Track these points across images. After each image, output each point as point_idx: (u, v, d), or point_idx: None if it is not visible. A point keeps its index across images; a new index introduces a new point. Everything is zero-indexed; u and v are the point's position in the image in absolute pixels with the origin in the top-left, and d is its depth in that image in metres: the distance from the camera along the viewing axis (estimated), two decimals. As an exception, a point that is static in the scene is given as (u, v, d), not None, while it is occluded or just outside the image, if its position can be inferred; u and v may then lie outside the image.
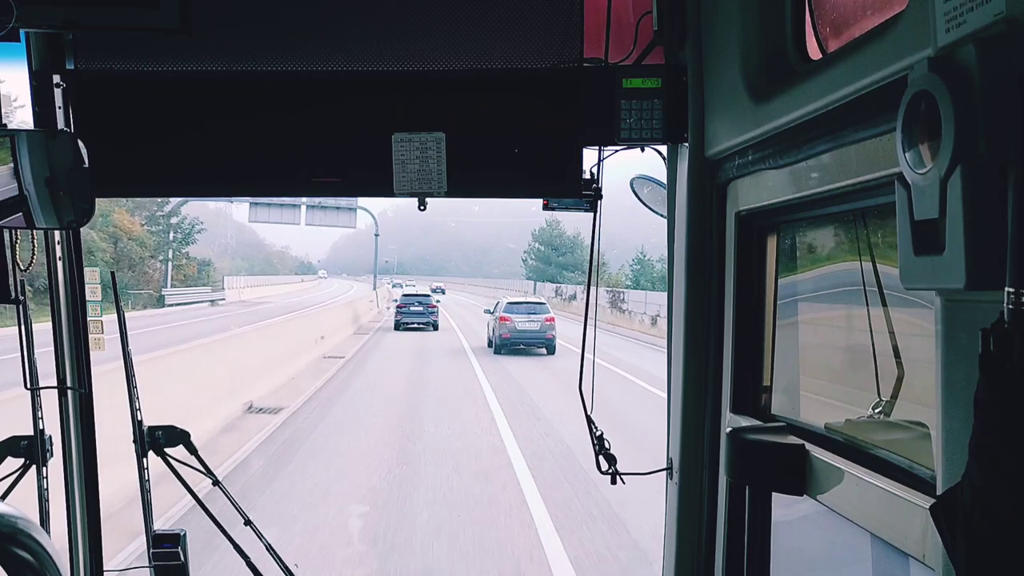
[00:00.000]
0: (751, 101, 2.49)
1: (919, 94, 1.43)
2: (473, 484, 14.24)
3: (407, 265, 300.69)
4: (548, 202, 3.47)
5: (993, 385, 1.22)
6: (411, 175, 3.03)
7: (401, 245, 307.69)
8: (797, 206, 2.40)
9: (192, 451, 3.48)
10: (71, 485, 3.37)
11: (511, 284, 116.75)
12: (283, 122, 3.09)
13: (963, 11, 1.38)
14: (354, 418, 20.25)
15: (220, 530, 3.43)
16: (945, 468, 1.57)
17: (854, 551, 2.40)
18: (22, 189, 2.72)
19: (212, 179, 3.18)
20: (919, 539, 1.72)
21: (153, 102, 3.08)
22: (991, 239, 1.30)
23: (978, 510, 1.23)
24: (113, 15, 2.67)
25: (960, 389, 1.48)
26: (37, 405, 3.28)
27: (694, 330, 2.96)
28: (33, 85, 3.00)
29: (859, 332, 2.45)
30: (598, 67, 3.04)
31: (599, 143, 3.09)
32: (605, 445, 3.15)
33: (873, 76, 1.79)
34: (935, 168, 1.39)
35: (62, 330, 3.27)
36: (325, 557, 10.40)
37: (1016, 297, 1.22)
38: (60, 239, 3.21)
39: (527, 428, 19.36)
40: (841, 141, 1.97)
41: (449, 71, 3.07)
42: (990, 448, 1.22)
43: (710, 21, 2.80)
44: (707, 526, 2.93)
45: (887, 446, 2.09)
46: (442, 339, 44.69)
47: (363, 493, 13.50)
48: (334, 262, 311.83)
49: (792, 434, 2.41)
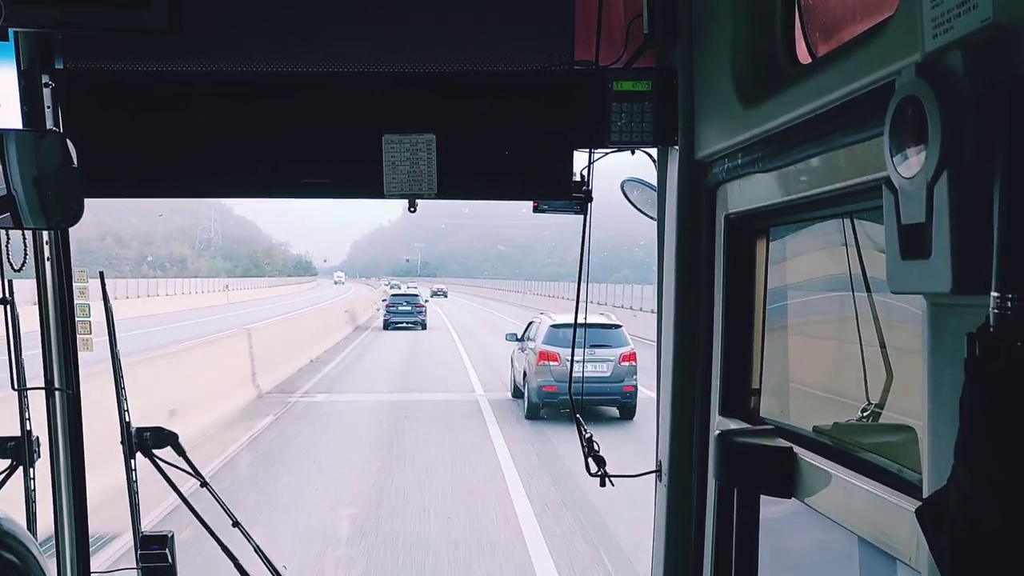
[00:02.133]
0: (741, 104, 2.50)
1: (907, 99, 1.44)
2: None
3: (433, 266, 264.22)
4: (538, 204, 3.47)
5: (979, 389, 1.23)
6: (401, 176, 3.03)
7: (427, 243, 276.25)
8: (786, 209, 2.41)
9: (180, 452, 3.47)
10: (58, 486, 3.35)
11: (555, 289, 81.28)
12: (273, 123, 3.08)
13: (950, 17, 1.39)
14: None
15: (208, 532, 3.42)
16: (931, 471, 1.57)
17: (841, 553, 2.41)
18: (10, 189, 2.71)
19: (201, 179, 3.17)
20: (906, 542, 1.73)
21: (142, 102, 3.07)
22: (977, 244, 1.30)
23: (963, 513, 1.23)
24: (103, 15, 2.67)
25: (946, 393, 1.49)
26: (24, 406, 3.26)
27: (683, 333, 2.96)
28: (22, 84, 2.99)
29: (847, 335, 2.46)
30: (589, 69, 3.04)
31: (589, 145, 3.09)
32: (595, 447, 3.16)
33: (861, 81, 1.80)
34: (922, 173, 1.40)
35: (50, 331, 3.25)
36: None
37: (1002, 301, 1.23)
38: (49, 239, 3.19)
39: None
40: (830, 145, 1.98)
41: (440, 72, 3.07)
42: (976, 451, 1.23)
43: (701, 24, 2.81)
44: (696, 528, 2.94)
45: (874, 449, 2.10)
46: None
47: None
48: (352, 264, 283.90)
49: (780, 437, 2.41)
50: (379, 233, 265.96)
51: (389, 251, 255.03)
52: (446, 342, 42.04)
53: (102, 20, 2.67)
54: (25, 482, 3.27)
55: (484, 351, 36.55)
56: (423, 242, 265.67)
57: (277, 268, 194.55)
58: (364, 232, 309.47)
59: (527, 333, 23.11)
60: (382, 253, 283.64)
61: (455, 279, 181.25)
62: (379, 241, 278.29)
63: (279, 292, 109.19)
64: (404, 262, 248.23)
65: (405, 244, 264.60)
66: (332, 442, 18.12)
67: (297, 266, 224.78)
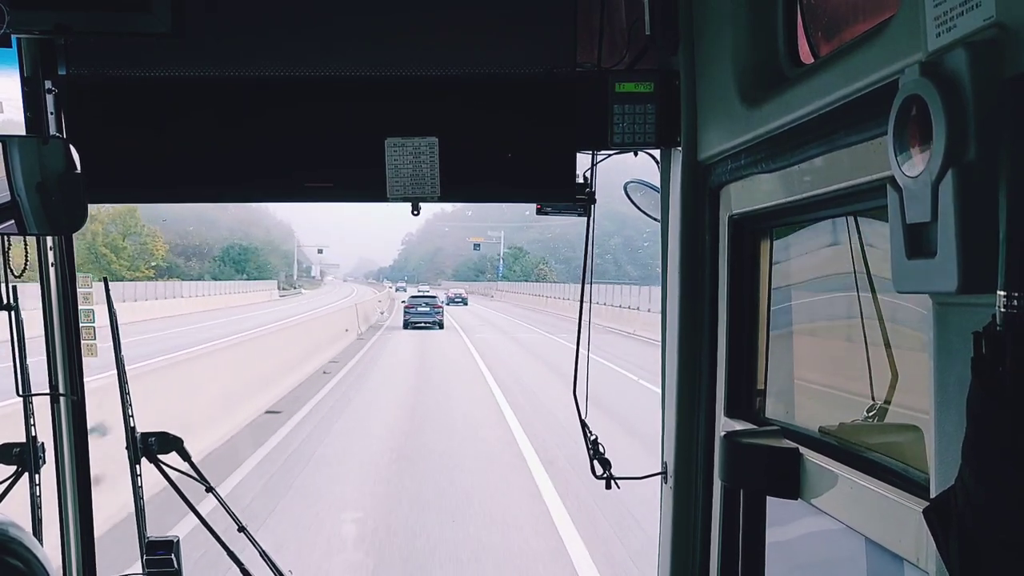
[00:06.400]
0: (743, 105, 2.50)
1: (910, 98, 1.44)
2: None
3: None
4: (542, 206, 3.47)
5: (985, 388, 1.22)
6: (404, 180, 3.03)
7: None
8: (790, 210, 2.40)
9: (185, 457, 3.47)
10: (63, 492, 3.36)
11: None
12: (276, 127, 3.08)
13: (953, 16, 1.39)
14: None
15: (214, 536, 3.42)
16: (938, 471, 1.57)
17: (848, 554, 2.40)
18: (14, 195, 2.71)
19: (205, 184, 3.18)
20: (913, 542, 1.73)
21: (145, 108, 3.07)
22: (983, 242, 1.30)
23: (971, 513, 1.23)
24: (105, 19, 2.67)
25: (953, 392, 1.49)
26: (29, 412, 3.26)
27: (688, 334, 2.96)
28: (25, 91, 2.99)
29: (852, 336, 2.45)
30: (591, 72, 3.04)
31: (592, 147, 3.09)
32: (600, 450, 3.15)
33: (864, 80, 1.80)
34: (927, 172, 1.39)
35: (54, 337, 3.25)
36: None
37: (1008, 300, 1.22)
38: (52, 245, 3.20)
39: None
40: (833, 145, 1.98)
41: (442, 76, 3.07)
42: (983, 451, 1.23)
43: (702, 26, 2.81)
44: (702, 530, 2.93)
45: (881, 449, 2.09)
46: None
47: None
48: (400, 268, 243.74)
49: (786, 438, 2.41)
50: (426, 233, 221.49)
51: (441, 253, 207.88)
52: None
53: (104, 24, 2.68)
54: (31, 488, 3.27)
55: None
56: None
57: (263, 272, 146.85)
58: (408, 233, 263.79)
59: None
60: (426, 254, 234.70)
61: (518, 282, 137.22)
62: (426, 239, 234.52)
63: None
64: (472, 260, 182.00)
65: (454, 244, 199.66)
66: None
67: (288, 271, 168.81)
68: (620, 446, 4.00)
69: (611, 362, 28.43)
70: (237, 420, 18.15)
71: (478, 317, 69.76)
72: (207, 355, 21.90)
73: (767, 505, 2.59)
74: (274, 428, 18.38)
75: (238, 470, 14.39)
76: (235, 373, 19.81)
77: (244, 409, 19.03)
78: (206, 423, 15.77)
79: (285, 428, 18.65)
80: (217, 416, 16.98)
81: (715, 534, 2.83)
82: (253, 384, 20.70)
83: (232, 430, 17.47)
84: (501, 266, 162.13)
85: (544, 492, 13.41)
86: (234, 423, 17.91)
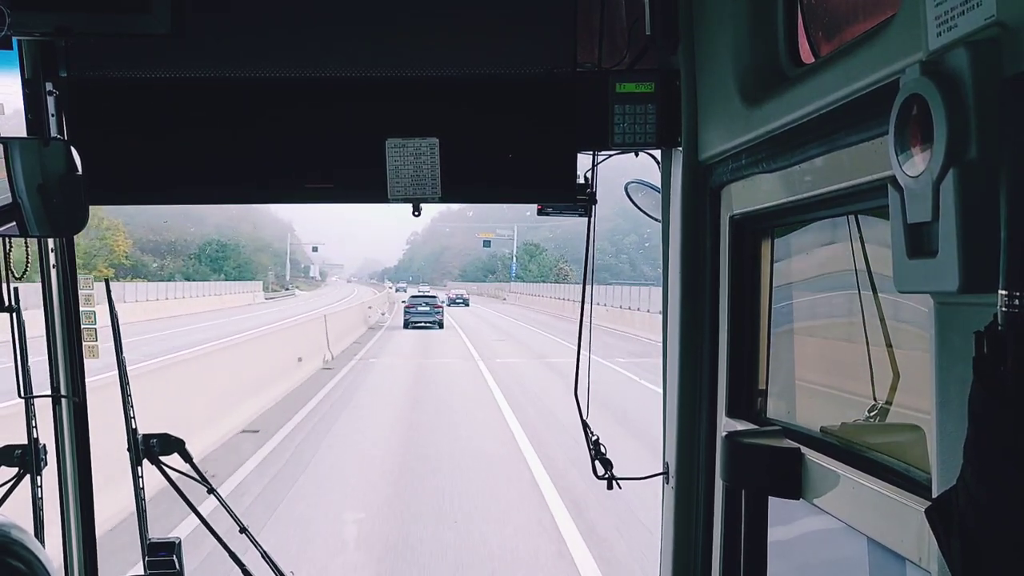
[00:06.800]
0: (744, 105, 2.49)
1: (911, 98, 1.44)
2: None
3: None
4: (543, 207, 3.47)
5: (987, 387, 1.22)
6: (405, 181, 3.03)
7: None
8: (791, 210, 2.40)
9: (187, 459, 3.46)
10: (65, 494, 3.35)
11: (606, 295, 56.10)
12: (276, 128, 3.08)
13: (954, 15, 1.39)
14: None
15: (216, 538, 3.42)
16: (940, 471, 1.57)
17: (850, 554, 2.40)
18: (15, 197, 2.71)
19: (206, 185, 3.18)
20: (915, 542, 1.72)
21: (146, 109, 3.07)
22: (984, 242, 1.30)
23: (973, 512, 1.23)
24: (106, 21, 2.67)
25: (954, 391, 1.49)
26: (31, 414, 3.26)
27: (689, 334, 2.95)
28: (26, 93, 2.99)
29: (853, 335, 2.45)
30: (591, 72, 3.04)
31: (593, 148, 3.09)
32: (601, 450, 3.15)
33: (865, 80, 1.80)
34: (928, 171, 1.39)
35: (56, 338, 3.25)
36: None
37: (1009, 299, 1.22)
38: (54, 247, 3.20)
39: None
40: (834, 145, 1.98)
41: (443, 77, 3.07)
42: (984, 450, 1.22)
43: (702, 26, 2.81)
44: (704, 530, 2.93)
45: (882, 449, 2.09)
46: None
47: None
48: (405, 268, 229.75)
49: (787, 438, 2.41)
50: (431, 233, 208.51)
51: (448, 254, 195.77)
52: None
53: (105, 25, 2.68)
54: (32, 490, 3.27)
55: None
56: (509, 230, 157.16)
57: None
58: (414, 232, 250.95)
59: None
60: (432, 254, 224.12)
61: (533, 283, 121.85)
62: (432, 239, 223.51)
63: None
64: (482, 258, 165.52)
65: (466, 241, 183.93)
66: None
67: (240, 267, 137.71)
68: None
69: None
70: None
71: (494, 327, 56.35)
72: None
73: (769, 505, 2.59)
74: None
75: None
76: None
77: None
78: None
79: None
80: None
81: (717, 534, 2.82)
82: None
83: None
84: (515, 265, 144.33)
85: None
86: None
